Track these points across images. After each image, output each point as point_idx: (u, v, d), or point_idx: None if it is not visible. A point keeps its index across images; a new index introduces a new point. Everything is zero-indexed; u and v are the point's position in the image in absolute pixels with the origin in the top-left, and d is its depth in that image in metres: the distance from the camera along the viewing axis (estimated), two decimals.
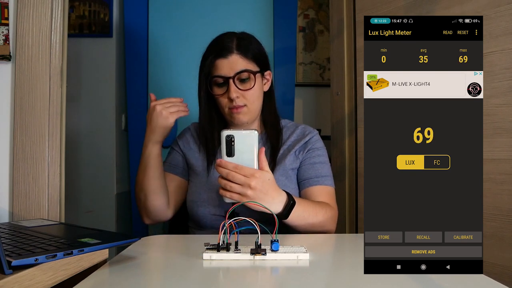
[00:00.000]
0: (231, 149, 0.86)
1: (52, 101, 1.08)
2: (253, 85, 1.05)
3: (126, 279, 0.62)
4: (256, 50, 1.08)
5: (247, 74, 1.04)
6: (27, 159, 1.06)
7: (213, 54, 1.05)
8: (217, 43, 1.07)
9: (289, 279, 0.64)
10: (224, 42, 1.06)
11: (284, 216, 0.92)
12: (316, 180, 1.08)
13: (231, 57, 1.04)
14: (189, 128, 1.22)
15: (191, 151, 1.15)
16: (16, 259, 0.54)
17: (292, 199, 0.93)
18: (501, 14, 1.11)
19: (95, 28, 2.05)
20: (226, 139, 0.86)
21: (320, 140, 1.15)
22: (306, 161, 1.10)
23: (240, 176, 0.85)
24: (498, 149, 1.10)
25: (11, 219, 1.06)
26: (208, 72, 1.06)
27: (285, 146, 1.12)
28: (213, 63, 1.05)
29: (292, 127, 1.17)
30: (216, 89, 1.07)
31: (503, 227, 1.09)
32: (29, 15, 1.07)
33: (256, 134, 0.86)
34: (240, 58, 1.04)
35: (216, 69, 1.05)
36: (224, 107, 1.07)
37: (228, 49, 1.04)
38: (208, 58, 1.06)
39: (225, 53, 1.04)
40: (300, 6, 2.39)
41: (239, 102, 1.04)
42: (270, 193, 0.88)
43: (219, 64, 1.04)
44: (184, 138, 1.18)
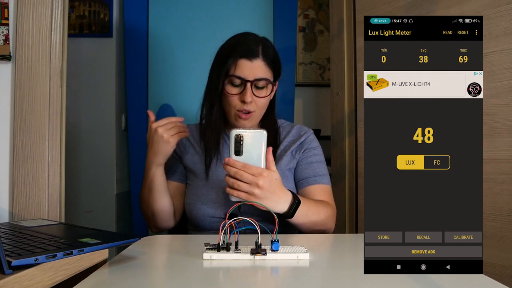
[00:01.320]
0: (240, 148, 0.86)
1: (52, 101, 1.08)
2: (268, 94, 1.06)
3: (126, 279, 0.62)
4: (276, 59, 1.09)
5: (265, 83, 1.04)
6: (27, 159, 1.06)
7: (238, 54, 1.03)
8: (243, 43, 1.05)
9: (289, 279, 0.64)
10: (250, 43, 1.04)
11: (290, 215, 0.93)
12: (314, 179, 1.08)
13: (256, 61, 1.03)
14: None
15: (188, 154, 1.14)
16: (16, 259, 0.54)
17: (297, 199, 0.93)
18: (501, 14, 1.11)
19: (95, 28, 2.05)
20: (235, 138, 0.86)
21: (315, 140, 1.15)
22: (303, 160, 1.11)
23: (248, 175, 0.85)
24: (498, 149, 1.10)
25: (11, 219, 1.06)
26: (227, 70, 1.04)
27: (282, 147, 1.12)
28: (235, 62, 1.03)
29: (288, 127, 1.17)
30: (231, 88, 1.04)
31: (503, 227, 1.09)
32: (29, 15, 1.07)
33: (265, 134, 0.87)
34: (263, 65, 1.04)
35: (237, 69, 1.03)
36: (233, 108, 1.05)
37: (254, 52, 1.03)
38: (231, 56, 1.04)
39: (251, 55, 1.03)
40: (300, 6, 2.39)
41: (250, 107, 1.03)
42: (277, 192, 0.89)
43: (241, 65, 1.02)
44: (180, 142, 1.14)
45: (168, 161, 1.14)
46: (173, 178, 1.13)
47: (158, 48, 2.01)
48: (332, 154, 1.66)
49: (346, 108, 1.60)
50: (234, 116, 1.06)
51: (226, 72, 1.04)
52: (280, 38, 2.02)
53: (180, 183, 1.13)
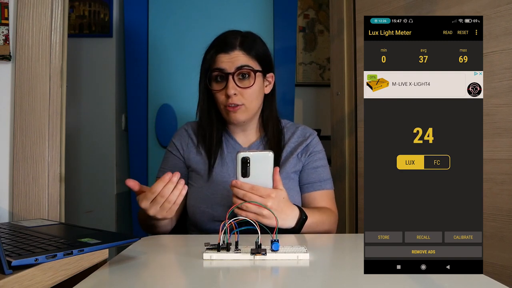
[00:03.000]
0: (247, 170, 0.86)
1: (52, 101, 1.08)
2: (253, 83, 1.04)
3: (126, 279, 0.62)
4: (260, 49, 1.07)
5: (247, 70, 1.03)
6: (27, 159, 1.06)
7: (215, 49, 1.05)
8: (221, 38, 1.07)
9: (289, 279, 0.64)
10: (228, 38, 1.05)
11: (297, 231, 0.94)
12: (319, 185, 1.09)
13: (233, 53, 1.03)
14: (185, 128, 1.17)
15: (191, 153, 1.12)
16: (16, 259, 0.54)
17: (304, 214, 0.94)
18: (501, 14, 1.11)
19: (95, 28, 2.05)
20: (241, 160, 0.86)
21: (320, 142, 1.15)
22: (309, 165, 1.11)
23: (257, 197, 0.85)
24: (498, 149, 1.10)
25: (11, 219, 1.06)
26: (208, 66, 1.06)
27: (288, 149, 1.11)
28: (214, 58, 1.04)
29: (292, 128, 1.16)
30: (215, 84, 1.05)
31: (503, 227, 1.09)
32: (29, 15, 1.07)
33: (272, 155, 0.87)
34: (242, 55, 1.03)
35: (217, 63, 1.04)
36: (220, 104, 1.06)
37: (231, 44, 1.04)
38: (209, 52, 1.06)
39: (228, 48, 1.03)
40: (300, 6, 2.39)
41: (236, 100, 1.03)
42: (285, 210, 0.90)
43: (220, 59, 1.03)
44: (183, 141, 1.14)
45: (171, 161, 1.13)
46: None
47: (158, 48, 2.01)
48: (332, 154, 1.66)
49: (346, 108, 1.60)
50: (225, 111, 1.06)
51: (206, 69, 1.06)
52: (280, 38, 2.02)
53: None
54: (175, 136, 1.17)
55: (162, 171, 1.13)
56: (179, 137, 1.16)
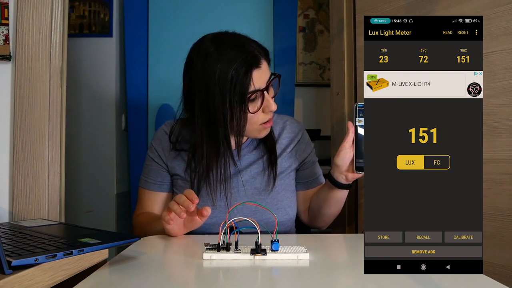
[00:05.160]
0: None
1: (52, 101, 1.08)
2: (278, 89, 0.95)
3: (126, 279, 0.62)
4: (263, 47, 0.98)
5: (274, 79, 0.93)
6: (27, 159, 1.06)
7: (245, 67, 0.86)
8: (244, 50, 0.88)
9: (289, 279, 0.64)
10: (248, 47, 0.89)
11: (350, 186, 0.98)
12: (320, 178, 1.12)
13: (263, 64, 0.90)
14: (165, 131, 1.07)
15: (174, 160, 1.04)
16: (16, 259, 0.54)
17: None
18: (501, 14, 1.11)
19: (95, 28, 2.05)
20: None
21: (307, 135, 1.14)
22: (307, 164, 1.11)
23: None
24: (498, 149, 1.10)
25: (11, 219, 1.06)
26: (243, 90, 0.87)
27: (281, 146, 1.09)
28: (249, 77, 0.86)
29: (280, 122, 1.11)
30: (251, 106, 0.90)
31: (503, 227, 1.08)
32: (29, 15, 1.07)
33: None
34: (265, 62, 0.91)
35: (253, 83, 0.88)
36: (254, 124, 0.93)
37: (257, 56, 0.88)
38: (239, 71, 0.86)
39: (258, 61, 0.88)
40: (300, 6, 2.39)
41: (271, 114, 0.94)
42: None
43: (255, 77, 0.88)
44: (164, 145, 1.06)
45: (154, 170, 1.07)
46: (162, 188, 1.07)
47: (158, 48, 2.01)
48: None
49: (346, 108, 1.59)
50: (258, 130, 0.96)
51: (242, 93, 0.87)
52: (280, 38, 2.02)
53: (169, 193, 1.08)
54: (155, 139, 1.08)
55: (146, 183, 1.07)
56: (159, 141, 1.07)
